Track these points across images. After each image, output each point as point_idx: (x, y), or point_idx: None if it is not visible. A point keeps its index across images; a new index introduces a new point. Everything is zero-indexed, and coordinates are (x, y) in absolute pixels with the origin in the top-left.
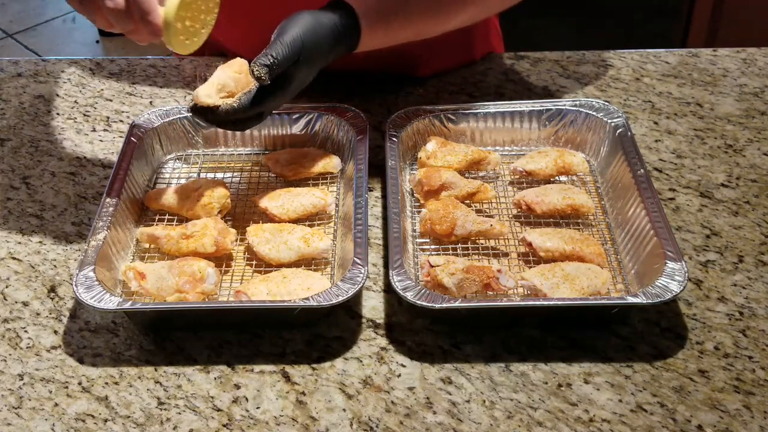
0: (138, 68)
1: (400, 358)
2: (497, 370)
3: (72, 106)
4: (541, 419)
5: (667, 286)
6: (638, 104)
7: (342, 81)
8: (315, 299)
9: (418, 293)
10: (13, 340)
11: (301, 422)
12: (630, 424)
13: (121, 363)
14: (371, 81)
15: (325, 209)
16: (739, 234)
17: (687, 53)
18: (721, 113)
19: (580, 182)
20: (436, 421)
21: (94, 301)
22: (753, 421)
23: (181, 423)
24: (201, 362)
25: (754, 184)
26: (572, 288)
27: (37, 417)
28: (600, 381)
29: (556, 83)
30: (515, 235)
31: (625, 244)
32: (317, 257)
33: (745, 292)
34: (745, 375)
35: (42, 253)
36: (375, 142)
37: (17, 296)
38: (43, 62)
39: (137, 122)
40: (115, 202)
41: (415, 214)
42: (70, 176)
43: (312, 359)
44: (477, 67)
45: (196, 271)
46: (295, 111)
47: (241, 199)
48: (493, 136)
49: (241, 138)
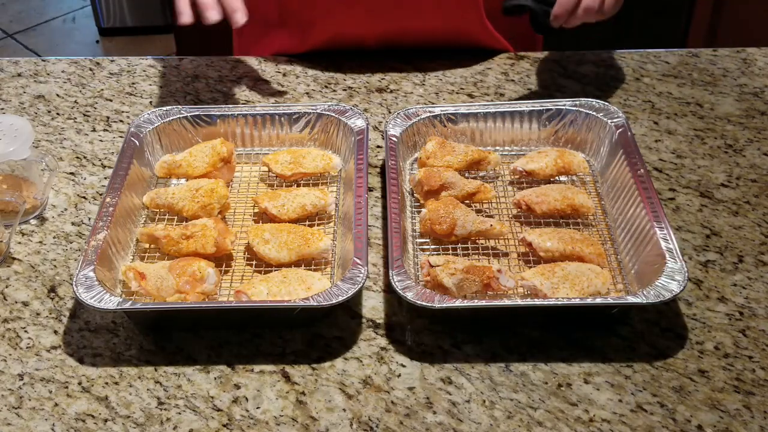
0: (138, 68)
1: (400, 358)
2: (497, 370)
3: (72, 106)
4: (541, 419)
5: (667, 286)
6: (638, 104)
7: (342, 80)
8: (315, 299)
9: (418, 293)
10: (13, 340)
11: (301, 422)
12: (630, 424)
13: (121, 363)
14: (371, 81)
15: (325, 209)
16: (739, 234)
17: (687, 53)
18: (721, 113)
19: (580, 182)
20: (436, 421)
21: (94, 301)
22: (753, 421)
23: (181, 423)
24: (201, 362)
25: (754, 184)
26: (572, 288)
27: (37, 417)
28: (600, 381)
29: (556, 83)
30: (515, 235)
31: (625, 244)
32: (317, 257)
33: (745, 292)
34: (745, 375)
35: (42, 253)
36: (375, 142)
37: (17, 296)
38: (43, 62)
39: (137, 122)
40: (115, 202)
41: (415, 214)
42: (70, 176)
43: (312, 359)
44: (477, 67)
45: (196, 271)
46: (295, 111)
47: (241, 199)
48: (493, 136)
49: (241, 138)
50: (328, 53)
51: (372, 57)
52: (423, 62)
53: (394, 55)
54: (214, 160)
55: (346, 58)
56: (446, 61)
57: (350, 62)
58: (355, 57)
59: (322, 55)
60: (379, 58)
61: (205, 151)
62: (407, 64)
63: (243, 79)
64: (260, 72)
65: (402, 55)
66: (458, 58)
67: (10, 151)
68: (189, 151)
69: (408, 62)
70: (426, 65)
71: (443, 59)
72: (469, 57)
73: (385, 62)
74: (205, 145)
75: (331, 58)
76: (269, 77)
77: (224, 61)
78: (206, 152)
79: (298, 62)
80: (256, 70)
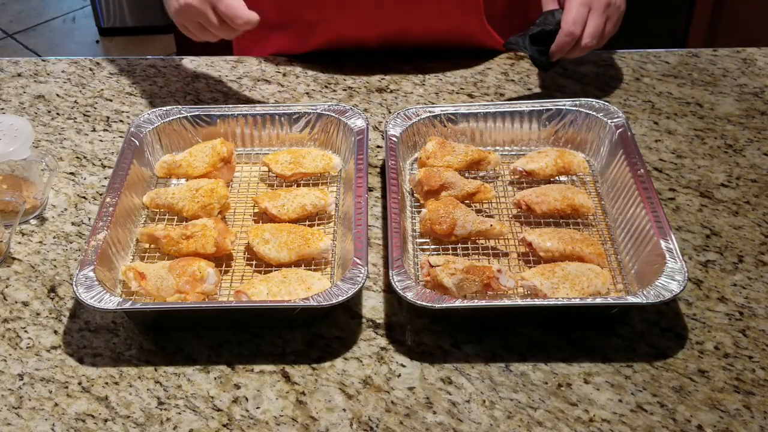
0: (138, 68)
1: (400, 358)
2: (497, 370)
3: (72, 106)
4: (541, 419)
5: (667, 286)
6: (638, 104)
7: (342, 80)
8: (315, 299)
9: (418, 293)
10: (13, 340)
11: (301, 422)
12: (630, 424)
13: (121, 363)
14: (371, 81)
15: (325, 209)
16: (739, 234)
17: (687, 53)
18: (721, 113)
19: (580, 182)
20: (436, 421)
21: (94, 301)
22: (753, 421)
23: (181, 423)
24: (201, 362)
25: (754, 184)
26: (572, 288)
27: (37, 417)
28: (600, 381)
29: (556, 83)
30: (515, 235)
31: (625, 244)
32: (317, 257)
33: (745, 292)
34: (745, 375)
35: (42, 253)
36: (375, 142)
37: (17, 296)
38: (43, 62)
39: (137, 122)
40: (115, 202)
41: (415, 214)
42: (70, 176)
43: (312, 359)
44: (477, 67)
45: (196, 271)
46: (295, 111)
47: (241, 199)
48: (493, 136)
49: (241, 138)
50: (328, 53)
51: (372, 57)
52: (423, 62)
53: (394, 55)
54: (214, 160)
55: (346, 58)
56: (446, 61)
57: (350, 62)
58: (354, 57)
59: (322, 55)
60: (379, 58)
61: (205, 151)
62: (407, 64)
63: (243, 79)
64: (260, 72)
65: (402, 55)
66: (458, 58)
67: (10, 151)
68: (189, 151)
69: (408, 62)
70: (426, 65)
71: (443, 59)
72: (469, 57)
73: (385, 62)
74: (205, 145)
75: (331, 58)
76: (269, 77)
77: (224, 61)
78: (206, 152)
79: (298, 62)
80: (256, 70)
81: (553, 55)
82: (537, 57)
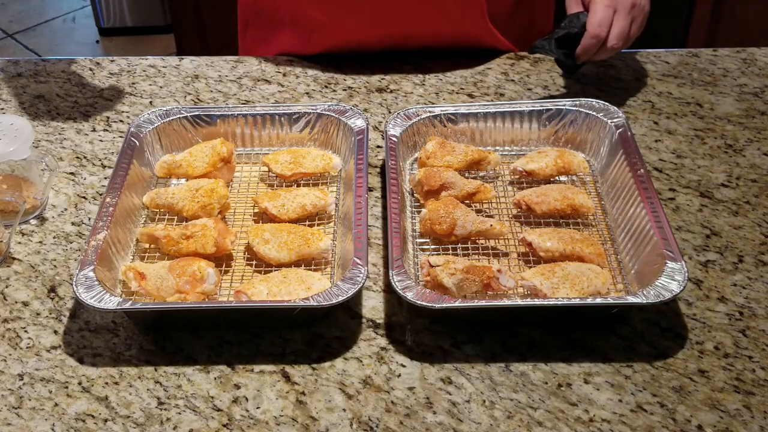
0: (138, 68)
1: (400, 358)
2: (497, 370)
3: (72, 106)
4: (541, 419)
5: (667, 286)
6: (638, 104)
7: (342, 80)
8: (315, 299)
9: (418, 293)
10: (13, 340)
11: (301, 422)
12: (630, 424)
13: (121, 363)
14: (371, 81)
15: (325, 209)
16: (739, 234)
17: (687, 53)
18: (721, 113)
19: (580, 182)
20: (436, 421)
21: (94, 301)
22: (753, 421)
23: (181, 423)
24: (201, 362)
25: (754, 184)
26: (572, 288)
27: (37, 417)
28: (600, 381)
29: (556, 83)
30: (515, 235)
31: (625, 244)
32: (317, 257)
33: (745, 292)
34: (745, 375)
35: (42, 253)
36: (375, 142)
37: (17, 296)
38: (43, 62)
39: (137, 122)
40: (115, 202)
41: (415, 214)
42: (70, 176)
43: (312, 359)
44: (477, 67)
45: (196, 271)
46: (295, 111)
47: (241, 199)
48: (493, 136)
49: (241, 138)
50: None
51: (372, 57)
52: (423, 62)
53: (394, 55)
54: (214, 160)
55: (346, 58)
56: (446, 61)
57: (350, 62)
58: (355, 57)
59: (323, 55)
60: (379, 58)
61: (205, 151)
62: (407, 64)
63: (243, 79)
64: (260, 72)
65: (402, 55)
66: (458, 58)
67: (10, 151)
68: (189, 151)
69: (408, 62)
70: (426, 65)
71: (443, 59)
72: (469, 57)
73: (385, 62)
74: (205, 145)
75: (331, 58)
76: (269, 77)
77: (224, 61)
78: (206, 152)
79: (298, 62)
80: (256, 70)
81: (579, 58)
82: (563, 60)
